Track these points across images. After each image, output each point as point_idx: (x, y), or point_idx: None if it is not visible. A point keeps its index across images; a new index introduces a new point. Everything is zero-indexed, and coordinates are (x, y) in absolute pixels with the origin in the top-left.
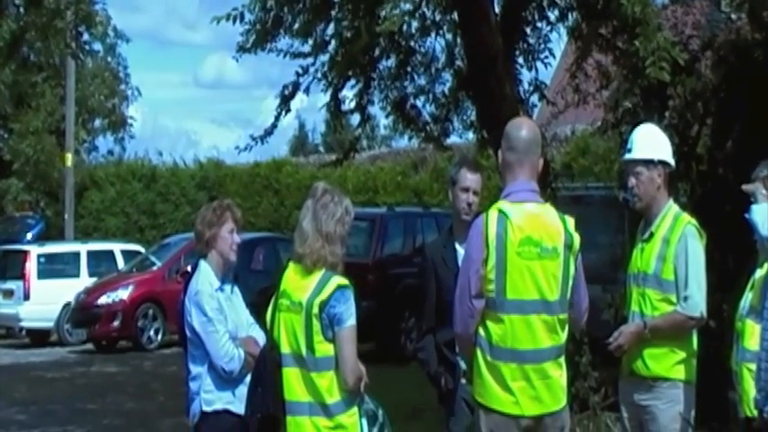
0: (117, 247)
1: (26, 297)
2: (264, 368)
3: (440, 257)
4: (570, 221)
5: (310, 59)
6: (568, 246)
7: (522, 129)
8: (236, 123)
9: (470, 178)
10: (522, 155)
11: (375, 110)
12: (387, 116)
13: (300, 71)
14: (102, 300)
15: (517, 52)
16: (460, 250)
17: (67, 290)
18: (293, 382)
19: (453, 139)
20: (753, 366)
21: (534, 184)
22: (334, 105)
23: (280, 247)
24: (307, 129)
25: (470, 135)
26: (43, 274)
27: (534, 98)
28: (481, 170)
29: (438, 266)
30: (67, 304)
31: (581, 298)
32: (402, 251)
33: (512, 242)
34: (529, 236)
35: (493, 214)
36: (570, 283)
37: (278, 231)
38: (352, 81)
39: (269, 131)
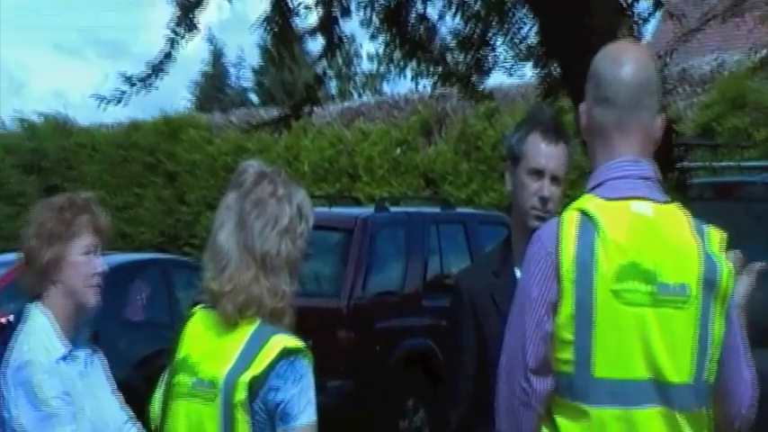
0: None
1: None
2: None
3: (486, 297)
4: (715, 236)
5: None
6: (711, 282)
7: (623, 63)
8: (99, 52)
9: (547, 152)
10: (624, 111)
11: (352, 27)
12: (373, 37)
13: None
14: None
15: None
16: None
17: None
18: None
19: (497, 80)
20: None
21: (648, 164)
22: (280, 19)
23: (177, 279)
24: (226, 62)
25: (528, 71)
26: None
27: (647, 4)
28: (566, 138)
29: (483, 314)
30: None
31: (740, 380)
32: (402, 287)
33: (604, 272)
34: (635, 262)
35: (571, 220)
36: (714, 352)
37: (174, 250)
38: None
39: (158, 67)
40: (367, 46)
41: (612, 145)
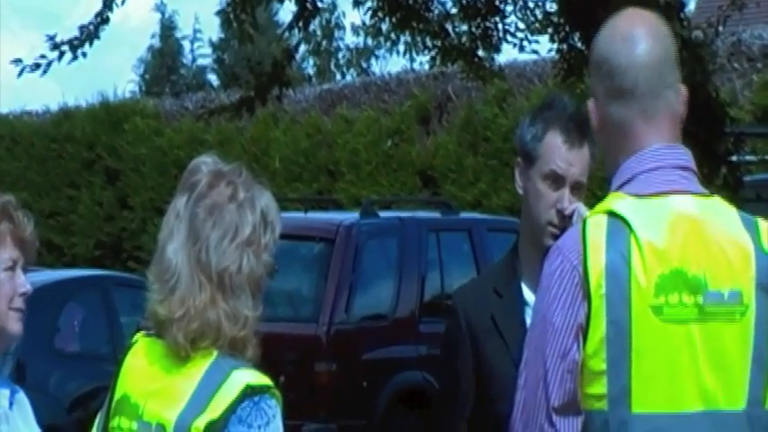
0: None
1: None
2: None
3: (486, 319)
4: (767, 229)
5: None
6: (767, 286)
7: (636, 41)
8: (28, 23)
9: (569, 156)
10: (647, 100)
11: None
12: (357, 4)
13: None
14: None
15: None
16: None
17: None
18: None
19: (510, 56)
20: None
21: (684, 150)
22: None
23: (118, 301)
24: (178, 35)
25: (545, 45)
26: None
27: None
28: (591, 137)
29: (482, 339)
30: None
31: None
32: (394, 309)
33: (641, 285)
34: (679, 269)
35: (597, 224)
36: None
37: (115, 265)
38: None
39: (91, 33)
40: (351, 15)
41: (638, 137)
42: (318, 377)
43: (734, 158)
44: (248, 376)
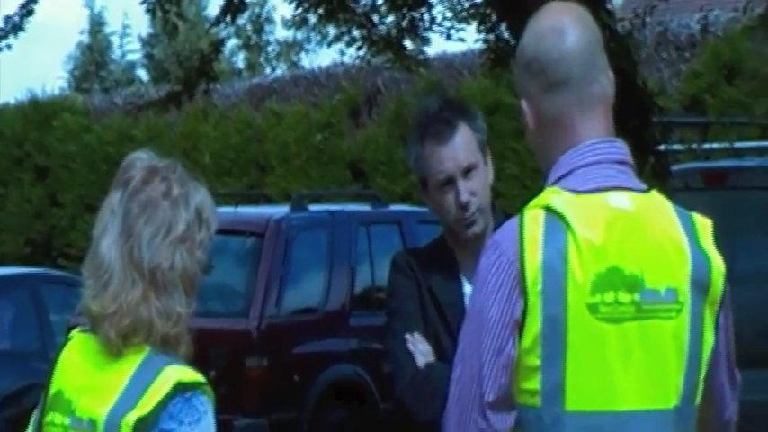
0: None
1: None
2: None
3: (425, 288)
4: (702, 224)
5: None
6: (702, 286)
7: (565, 32)
8: None
9: (447, 153)
10: (582, 87)
11: None
12: None
13: None
14: None
15: None
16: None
17: None
18: None
19: (439, 48)
20: None
21: (622, 144)
22: None
23: (48, 299)
24: (107, 31)
25: (471, 35)
26: None
27: None
28: (465, 116)
29: (436, 286)
30: None
31: (725, 401)
32: (325, 303)
33: (578, 283)
34: (616, 267)
35: (534, 219)
36: (703, 368)
37: (45, 262)
38: None
39: (16, 25)
40: (282, 8)
41: (575, 130)
42: (249, 372)
43: (662, 148)
44: (180, 373)
